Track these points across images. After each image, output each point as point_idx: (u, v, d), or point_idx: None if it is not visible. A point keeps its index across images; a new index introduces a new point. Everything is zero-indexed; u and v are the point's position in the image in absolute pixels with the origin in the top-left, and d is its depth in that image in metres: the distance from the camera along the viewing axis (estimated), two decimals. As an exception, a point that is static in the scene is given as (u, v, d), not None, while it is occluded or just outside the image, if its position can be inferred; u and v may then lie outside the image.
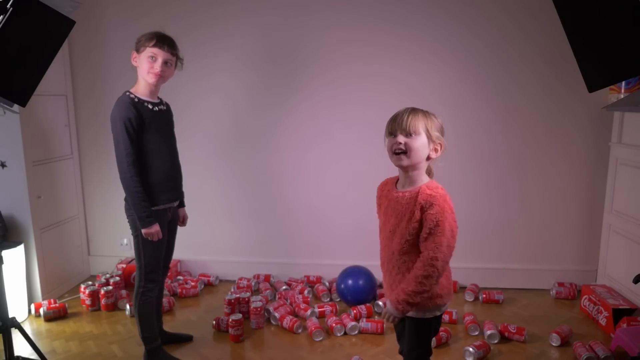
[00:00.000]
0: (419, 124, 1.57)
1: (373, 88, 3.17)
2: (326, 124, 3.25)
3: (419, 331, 1.67)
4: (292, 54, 3.23)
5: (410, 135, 1.56)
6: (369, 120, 3.18)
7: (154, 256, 2.29)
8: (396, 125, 1.58)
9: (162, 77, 2.22)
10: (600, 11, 1.29)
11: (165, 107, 2.35)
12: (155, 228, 2.20)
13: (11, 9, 1.60)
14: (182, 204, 2.53)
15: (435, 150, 1.61)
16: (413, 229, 1.55)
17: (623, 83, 2.82)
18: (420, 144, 1.57)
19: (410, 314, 1.61)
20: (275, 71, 3.26)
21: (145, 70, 2.20)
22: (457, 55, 3.11)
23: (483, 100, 3.15)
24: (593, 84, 1.33)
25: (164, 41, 2.20)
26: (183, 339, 2.65)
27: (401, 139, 1.56)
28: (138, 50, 2.21)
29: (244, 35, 3.23)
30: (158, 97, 2.33)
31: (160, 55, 2.19)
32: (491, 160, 3.21)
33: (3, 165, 2.89)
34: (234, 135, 3.35)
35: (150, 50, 2.18)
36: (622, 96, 2.87)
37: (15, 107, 1.98)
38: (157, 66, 2.19)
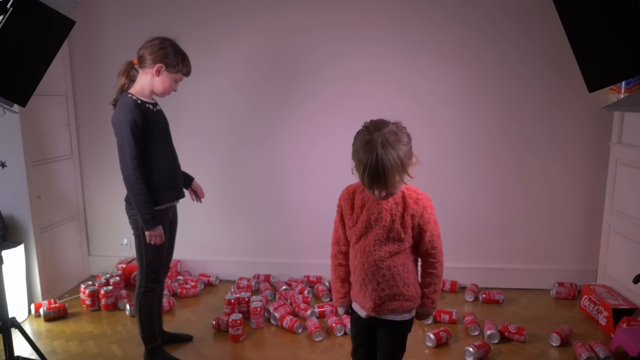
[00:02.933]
0: (396, 177, 1.44)
1: (373, 87, 3.17)
2: (326, 123, 3.25)
3: (401, 333, 1.68)
4: (291, 54, 3.23)
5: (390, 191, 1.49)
6: (369, 120, 3.19)
7: (156, 256, 2.29)
8: (372, 181, 1.44)
9: None
10: (600, 11, 1.29)
11: (160, 107, 2.36)
12: (159, 230, 2.20)
13: (11, 9, 1.60)
14: (191, 178, 2.55)
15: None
16: (404, 232, 1.56)
17: (623, 83, 2.82)
18: (399, 184, 1.50)
19: (394, 317, 1.62)
20: (275, 71, 3.26)
21: (166, 90, 2.26)
22: (458, 55, 3.11)
23: (483, 100, 3.15)
24: (593, 84, 1.33)
25: (190, 67, 2.30)
26: (183, 339, 2.65)
27: (381, 193, 1.48)
28: (170, 68, 2.21)
29: (243, 36, 3.23)
30: (153, 98, 2.33)
31: (183, 79, 2.32)
32: (491, 160, 3.21)
33: (3, 165, 2.89)
34: (233, 135, 3.35)
35: (181, 77, 2.28)
36: (622, 96, 2.87)
37: (15, 107, 1.98)
38: (177, 87, 2.30)
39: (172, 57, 2.19)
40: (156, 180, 2.23)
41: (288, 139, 3.31)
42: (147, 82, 2.22)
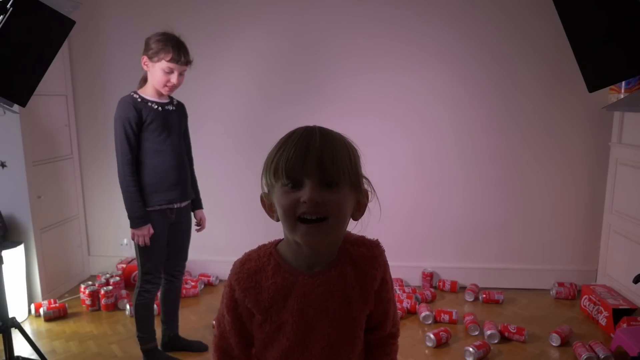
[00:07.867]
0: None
1: (374, 88, 3.17)
2: (327, 124, 3.23)
3: None
4: (293, 55, 3.22)
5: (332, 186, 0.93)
6: (369, 121, 3.19)
7: (150, 258, 2.26)
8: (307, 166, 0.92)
9: (175, 87, 2.20)
10: (600, 11, 1.29)
11: (174, 108, 2.29)
12: (144, 231, 2.16)
13: (11, 9, 1.60)
14: (197, 206, 2.50)
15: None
16: (368, 309, 1.03)
17: (623, 83, 2.82)
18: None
19: None
20: (278, 71, 3.25)
21: (160, 83, 2.15)
22: (457, 55, 3.11)
23: (483, 100, 3.15)
24: (593, 84, 1.33)
25: (180, 54, 2.12)
26: (198, 348, 2.54)
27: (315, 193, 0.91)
28: (151, 58, 2.13)
29: (246, 35, 3.23)
30: (169, 97, 2.28)
31: (177, 69, 2.14)
32: (491, 160, 3.21)
33: (3, 165, 2.89)
34: (233, 135, 3.35)
35: (167, 65, 2.11)
36: (622, 96, 2.87)
37: (15, 107, 1.98)
38: (174, 79, 2.15)
39: (153, 46, 2.12)
40: (147, 180, 2.19)
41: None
42: (149, 78, 2.21)
